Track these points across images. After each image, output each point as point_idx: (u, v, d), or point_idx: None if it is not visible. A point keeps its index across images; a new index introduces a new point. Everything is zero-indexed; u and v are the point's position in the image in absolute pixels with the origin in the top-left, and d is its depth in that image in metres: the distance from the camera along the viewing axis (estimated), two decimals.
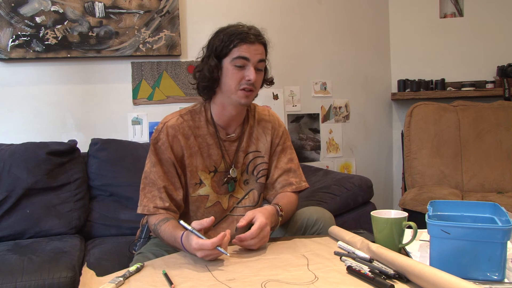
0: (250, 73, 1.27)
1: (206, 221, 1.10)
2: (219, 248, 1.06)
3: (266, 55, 1.34)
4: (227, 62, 1.29)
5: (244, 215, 1.21)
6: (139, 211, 1.33)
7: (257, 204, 1.43)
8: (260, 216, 1.18)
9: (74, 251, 1.66)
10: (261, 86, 1.38)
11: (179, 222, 1.15)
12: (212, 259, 1.09)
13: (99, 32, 2.36)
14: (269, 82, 1.42)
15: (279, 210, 1.29)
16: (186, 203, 1.38)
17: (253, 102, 1.46)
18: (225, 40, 1.28)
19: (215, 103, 1.37)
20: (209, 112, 1.38)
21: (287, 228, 1.38)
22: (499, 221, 1.01)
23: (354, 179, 2.24)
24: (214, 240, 1.05)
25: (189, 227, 1.11)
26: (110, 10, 2.36)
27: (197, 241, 1.06)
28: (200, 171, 1.35)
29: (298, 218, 1.38)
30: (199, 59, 1.36)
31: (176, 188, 1.33)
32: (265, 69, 1.38)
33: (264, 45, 1.32)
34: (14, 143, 2.05)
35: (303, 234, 1.35)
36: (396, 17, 3.22)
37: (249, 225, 1.18)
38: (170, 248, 1.26)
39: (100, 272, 1.49)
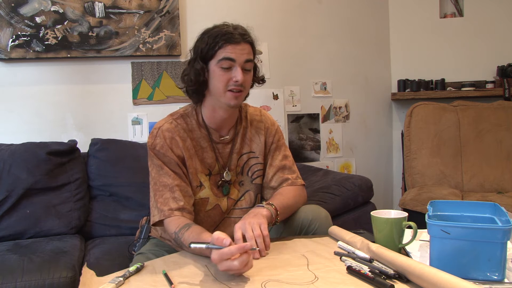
0: (237, 74, 1.23)
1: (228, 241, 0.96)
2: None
3: (254, 54, 1.30)
4: (213, 65, 1.25)
5: (241, 217, 1.19)
6: (156, 219, 1.22)
7: (254, 205, 1.41)
8: (237, 230, 1.12)
9: (74, 251, 1.65)
10: (252, 86, 1.35)
11: (190, 245, 1.01)
12: (238, 270, 0.95)
13: (99, 32, 2.36)
14: (260, 80, 1.38)
15: (265, 205, 1.24)
16: None
17: (245, 102, 1.43)
18: (210, 42, 1.23)
19: (206, 106, 1.34)
20: (200, 115, 1.35)
21: (284, 228, 1.38)
22: (499, 221, 1.01)
23: (354, 179, 2.24)
24: (233, 247, 0.94)
25: (203, 245, 0.98)
26: (110, 10, 2.36)
27: (215, 252, 0.95)
28: (200, 173, 1.33)
29: (294, 218, 1.36)
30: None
31: (188, 185, 1.29)
32: (255, 68, 1.34)
33: (251, 43, 1.28)
34: (14, 143, 2.05)
35: (299, 234, 1.34)
36: (396, 17, 3.22)
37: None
38: (170, 248, 1.25)
39: (100, 272, 1.50)
